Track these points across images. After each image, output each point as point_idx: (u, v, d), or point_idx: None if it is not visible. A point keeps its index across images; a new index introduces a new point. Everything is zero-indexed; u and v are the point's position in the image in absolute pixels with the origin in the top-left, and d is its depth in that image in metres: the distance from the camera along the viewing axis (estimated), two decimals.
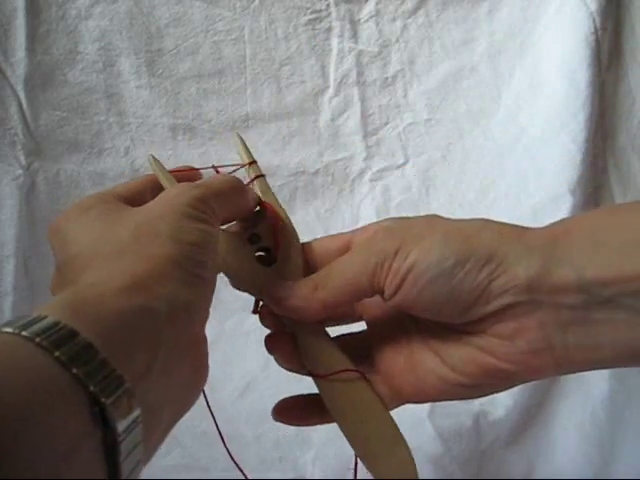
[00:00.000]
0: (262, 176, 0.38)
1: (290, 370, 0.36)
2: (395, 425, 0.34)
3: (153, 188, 0.34)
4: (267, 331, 0.36)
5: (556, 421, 0.70)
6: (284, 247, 0.36)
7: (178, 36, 0.69)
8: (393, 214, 0.75)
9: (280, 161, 0.73)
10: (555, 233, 0.29)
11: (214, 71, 0.71)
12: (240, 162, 0.39)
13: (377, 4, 0.71)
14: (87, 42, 0.67)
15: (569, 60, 0.66)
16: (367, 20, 0.71)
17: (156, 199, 0.30)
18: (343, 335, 0.37)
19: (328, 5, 0.71)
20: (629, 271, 0.25)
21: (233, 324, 0.72)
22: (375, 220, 0.74)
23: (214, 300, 0.29)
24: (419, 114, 0.73)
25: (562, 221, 0.30)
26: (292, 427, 0.37)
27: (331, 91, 0.73)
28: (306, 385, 0.35)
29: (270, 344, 0.35)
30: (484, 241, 0.29)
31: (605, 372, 0.69)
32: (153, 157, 0.36)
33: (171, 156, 0.71)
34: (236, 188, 0.33)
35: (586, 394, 0.70)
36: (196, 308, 0.26)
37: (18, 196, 0.66)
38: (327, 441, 0.67)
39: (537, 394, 0.71)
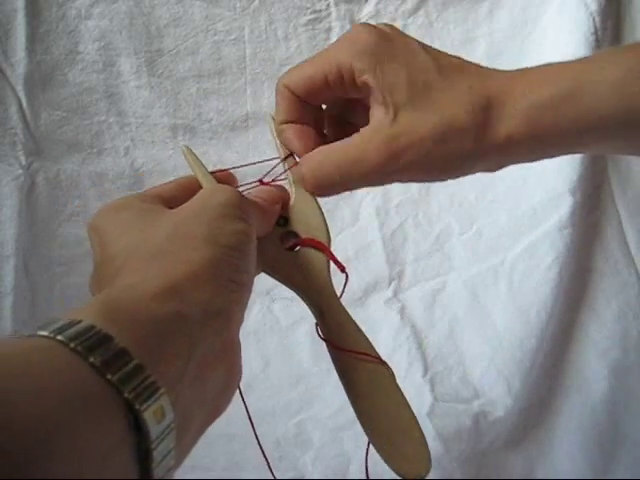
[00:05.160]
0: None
1: None
2: (412, 414, 0.34)
3: (191, 189, 0.33)
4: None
5: (556, 421, 0.70)
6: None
7: (178, 36, 0.69)
8: (393, 214, 0.75)
9: None
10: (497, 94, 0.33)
11: (214, 71, 0.71)
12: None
13: (377, 4, 0.71)
14: (87, 42, 0.67)
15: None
16: (367, 20, 0.71)
17: (192, 199, 0.29)
18: None
19: (328, 5, 0.70)
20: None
21: None
22: (375, 220, 0.74)
23: None
24: None
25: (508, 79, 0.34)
26: (292, 427, 0.37)
27: None
28: (305, 386, 0.35)
29: None
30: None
31: (605, 371, 0.69)
32: (188, 148, 0.36)
33: (171, 156, 0.71)
34: (266, 206, 0.33)
35: (586, 394, 0.70)
36: (231, 313, 0.26)
37: (18, 196, 0.66)
38: (327, 441, 0.67)
39: (537, 394, 0.71)
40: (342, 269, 0.36)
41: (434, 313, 0.74)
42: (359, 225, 0.76)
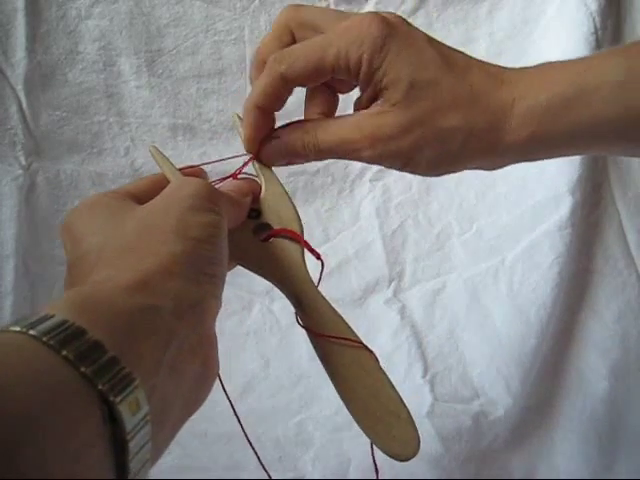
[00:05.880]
0: None
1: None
2: (399, 396, 0.34)
3: (162, 185, 0.32)
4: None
5: (556, 421, 0.70)
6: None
7: (178, 36, 0.69)
8: (393, 214, 0.75)
9: None
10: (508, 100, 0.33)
11: (214, 71, 0.71)
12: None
13: (377, 4, 0.71)
14: (87, 42, 0.67)
15: None
16: None
17: (161, 193, 0.29)
18: None
19: (328, 5, 0.70)
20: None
21: (233, 324, 0.72)
22: (375, 220, 0.74)
23: None
24: None
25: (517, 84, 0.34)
26: (292, 427, 0.37)
27: None
28: (305, 386, 0.35)
29: None
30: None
31: (605, 371, 0.69)
32: (155, 148, 0.36)
33: (171, 156, 0.71)
34: (237, 197, 0.33)
35: (586, 394, 0.70)
36: (205, 306, 0.26)
37: (18, 196, 0.66)
38: (327, 441, 0.67)
39: (537, 394, 0.71)
40: (317, 256, 0.36)
41: (434, 313, 0.74)
42: (359, 225, 0.76)
